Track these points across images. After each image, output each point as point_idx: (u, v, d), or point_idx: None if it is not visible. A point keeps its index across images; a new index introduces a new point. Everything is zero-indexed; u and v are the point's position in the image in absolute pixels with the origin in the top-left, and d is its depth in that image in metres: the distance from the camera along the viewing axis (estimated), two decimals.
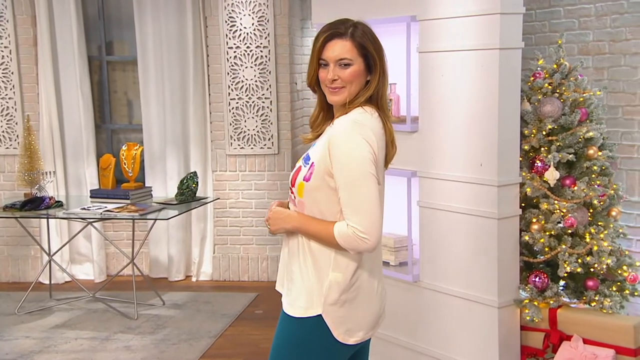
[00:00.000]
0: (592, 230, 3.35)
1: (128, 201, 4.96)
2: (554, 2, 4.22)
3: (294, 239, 2.15)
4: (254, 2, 5.46)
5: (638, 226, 3.94)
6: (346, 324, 2.09)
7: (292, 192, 2.16)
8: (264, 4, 5.45)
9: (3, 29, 5.65)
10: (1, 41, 5.66)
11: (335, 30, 2.07)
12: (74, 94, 5.70)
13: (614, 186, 3.47)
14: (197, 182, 5.07)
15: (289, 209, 2.20)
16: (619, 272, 3.41)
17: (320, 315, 2.07)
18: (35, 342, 4.43)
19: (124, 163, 5.18)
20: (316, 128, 2.22)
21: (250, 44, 5.51)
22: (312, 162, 2.07)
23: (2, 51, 5.68)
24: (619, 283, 3.45)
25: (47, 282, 5.45)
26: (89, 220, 4.90)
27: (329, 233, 2.03)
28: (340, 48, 2.05)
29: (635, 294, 3.48)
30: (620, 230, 3.49)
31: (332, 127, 2.09)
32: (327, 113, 2.21)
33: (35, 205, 4.85)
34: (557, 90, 3.41)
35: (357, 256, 2.08)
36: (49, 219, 5.30)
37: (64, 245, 5.53)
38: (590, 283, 3.38)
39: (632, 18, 3.90)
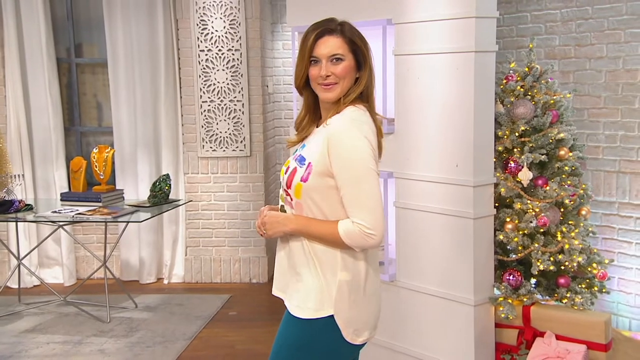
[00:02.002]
0: (564, 229, 3.37)
1: (100, 204, 4.85)
2: (521, 7, 4.26)
3: (296, 242, 2.09)
4: (225, 5, 5.39)
5: (603, 225, 4.00)
6: (355, 324, 2.05)
7: (287, 195, 2.10)
8: (235, 7, 5.39)
9: None
10: None
11: (326, 27, 2.05)
12: (43, 96, 5.55)
13: (583, 186, 3.51)
14: (170, 185, 4.98)
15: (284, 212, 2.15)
16: (589, 269, 3.45)
17: (331, 316, 2.03)
18: (6, 347, 4.29)
19: (95, 166, 5.05)
20: (302, 130, 2.17)
21: (222, 47, 5.44)
22: (309, 163, 2.03)
23: None
24: (588, 280, 3.49)
25: (16, 286, 5.30)
26: (59, 223, 4.76)
27: (333, 232, 1.99)
28: (332, 44, 2.03)
29: (604, 290, 3.52)
30: (590, 229, 3.53)
31: (328, 126, 2.04)
32: (313, 114, 2.16)
33: (4, 208, 4.70)
34: (529, 93, 3.43)
35: (362, 254, 2.05)
36: (18, 223, 5.14)
37: (33, 249, 5.37)
38: (561, 281, 3.40)
39: (597, 23, 3.95)
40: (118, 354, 4.15)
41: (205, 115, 5.53)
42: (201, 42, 5.44)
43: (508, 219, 3.38)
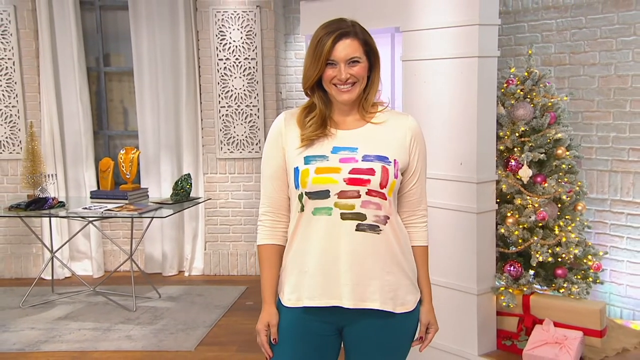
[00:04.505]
0: (561, 223, 3.32)
1: (126, 201, 4.81)
2: (519, 18, 4.21)
3: (378, 244, 1.85)
4: (242, 17, 5.36)
5: (597, 220, 3.93)
6: None
7: (376, 195, 1.84)
8: (251, 19, 5.35)
9: (7, 42, 5.45)
10: (5, 53, 5.47)
11: (343, 30, 1.86)
12: (74, 102, 5.52)
13: (579, 183, 3.45)
14: (191, 184, 4.94)
15: (363, 217, 1.83)
16: (585, 261, 3.39)
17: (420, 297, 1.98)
18: (41, 332, 4.25)
19: (122, 166, 5.02)
20: (322, 127, 1.90)
21: (239, 56, 5.40)
22: (395, 160, 1.87)
23: (5, 62, 5.48)
24: (583, 271, 3.43)
25: (49, 277, 5.27)
26: (89, 219, 4.73)
27: (427, 251, 1.99)
28: (350, 47, 1.85)
29: (597, 281, 3.46)
30: (586, 223, 3.47)
31: (407, 123, 1.93)
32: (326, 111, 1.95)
33: (39, 205, 4.67)
34: (529, 96, 3.38)
35: None
36: (52, 218, 5.12)
37: (65, 243, 5.34)
38: (559, 271, 3.35)
39: (590, 32, 3.89)
40: (144, 340, 4.11)
41: (223, 120, 5.49)
42: (220, 51, 5.40)
43: (509, 214, 3.33)
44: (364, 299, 1.84)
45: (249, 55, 5.40)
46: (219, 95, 5.46)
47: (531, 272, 3.43)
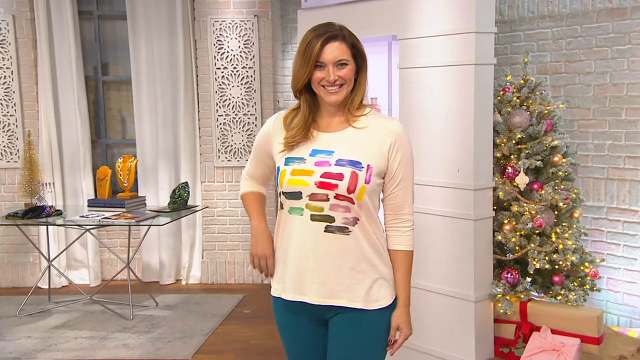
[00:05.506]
0: (558, 230, 3.31)
1: (124, 209, 4.79)
2: (515, 27, 4.22)
3: (347, 244, 1.90)
4: (240, 27, 5.37)
5: (593, 228, 3.92)
6: None
7: (344, 199, 1.88)
8: (249, 29, 5.36)
9: (6, 51, 5.45)
10: (4, 62, 5.46)
11: (331, 32, 1.90)
12: (72, 111, 5.51)
13: (576, 190, 3.45)
14: (189, 192, 4.92)
15: (332, 219, 1.89)
16: (582, 268, 3.38)
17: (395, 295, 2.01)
18: (37, 341, 4.21)
19: (120, 174, 5.00)
20: (306, 130, 1.95)
21: (236, 65, 5.40)
22: (369, 165, 1.89)
23: (4, 72, 5.47)
24: (580, 279, 3.42)
25: (46, 286, 5.23)
26: (86, 227, 4.70)
27: (411, 258, 2.02)
28: (338, 50, 1.88)
29: (595, 288, 3.45)
30: (582, 231, 3.46)
31: (388, 127, 1.93)
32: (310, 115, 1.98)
33: (36, 213, 4.64)
34: (525, 103, 3.38)
35: None
36: (49, 227, 5.09)
37: (63, 251, 5.31)
38: (556, 279, 3.34)
39: (585, 41, 3.91)
40: (141, 348, 4.07)
41: (220, 128, 5.48)
42: (217, 60, 5.41)
43: (506, 221, 3.32)
44: (331, 296, 1.92)
45: (247, 64, 5.40)
46: (217, 104, 5.46)
47: (528, 279, 3.42)
